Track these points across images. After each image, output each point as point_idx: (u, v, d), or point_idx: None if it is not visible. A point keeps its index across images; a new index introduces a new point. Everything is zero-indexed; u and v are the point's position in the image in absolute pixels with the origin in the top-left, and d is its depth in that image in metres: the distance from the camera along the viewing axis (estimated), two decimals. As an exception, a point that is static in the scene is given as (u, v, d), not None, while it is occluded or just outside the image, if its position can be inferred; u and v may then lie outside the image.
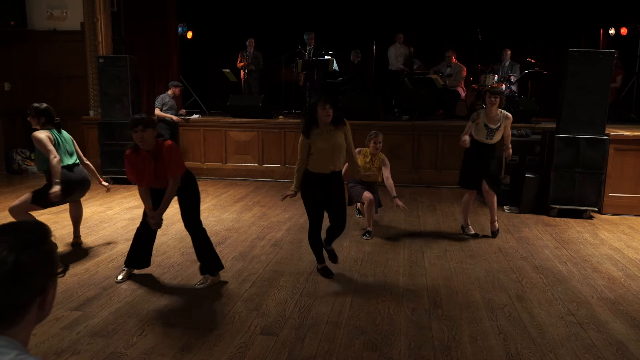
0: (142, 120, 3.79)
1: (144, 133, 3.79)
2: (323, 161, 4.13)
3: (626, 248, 5.39)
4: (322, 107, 4.03)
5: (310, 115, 4.13)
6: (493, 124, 5.49)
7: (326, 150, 4.10)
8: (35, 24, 9.45)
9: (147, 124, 3.81)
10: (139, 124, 3.77)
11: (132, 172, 4.00)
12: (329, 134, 4.13)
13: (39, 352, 3.12)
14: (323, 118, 4.05)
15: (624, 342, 3.39)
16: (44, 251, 1.20)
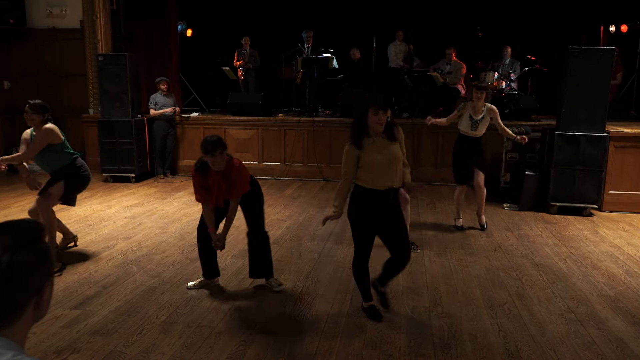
0: (220, 144, 3.65)
1: (222, 156, 3.68)
2: (377, 176, 3.41)
3: (626, 245, 5.39)
4: (374, 114, 3.35)
5: (359, 122, 3.44)
6: (477, 115, 5.67)
7: (382, 163, 3.40)
8: (35, 22, 9.44)
9: (224, 146, 3.70)
10: (219, 147, 3.63)
11: (202, 193, 3.85)
12: (382, 144, 3.44)
13: (39, 350, 3.13)
14: (374, 127, 3.38)
15: (623, 339, 3.39)
16: (40, 251, 1.19)
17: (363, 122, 3.42)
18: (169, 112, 8.47)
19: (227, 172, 3.78)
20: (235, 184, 3.81)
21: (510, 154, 7.41)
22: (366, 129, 3.42)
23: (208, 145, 3.64)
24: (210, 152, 3.63)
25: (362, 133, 3.43)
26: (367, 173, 3.42)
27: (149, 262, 4.71)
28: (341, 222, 6.08)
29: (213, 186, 3.80)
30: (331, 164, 8.71)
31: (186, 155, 9.10)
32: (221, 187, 3.80)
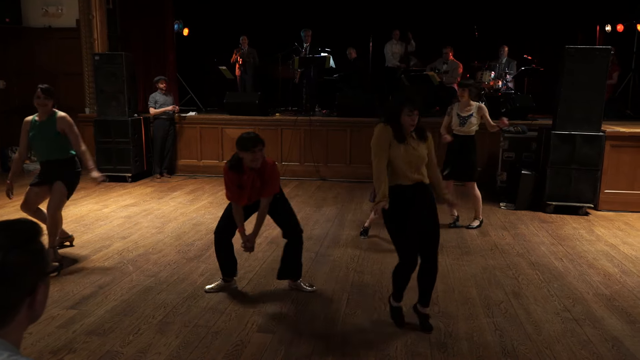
0: (260, 140, 3.62)
1: (261, 153, 3.63)
2: (402, 170, 3.30)
3: (622, 244, 5.41)
4: (409, 114, 3.23)
5: (392, 118, 3.32)
6: (464, 112, 5.76)
7: (407, 160, 3.29)
8: (31, 21, 9.41)
9: (263, 142, 3.66)
10: (259, 143, 3.59)
11: (234, 191, 3.79)
12: (412, 142, 3.33)
13: (35, 350, 3.12)
14: (407, 126, 3.28)
15: (619, 337, 3.40)
16: (34, 251, 1.19)
17: (396, 120, 3.28)
18: (170, 110, 8.46)
19: (262, 170, 3.71)
20: (270, 182, 3.75)
21: (506, 153, 7.42)
22: (399, 126, 3.29)
23: (249, 142, 3.58)
24: (250, 148, 3.57)
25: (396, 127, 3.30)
26: (391, 170, 3.31)
27: (145, 261, 4.70)
28: (338, 222, 6.09)
29: (247, 184, 3.73)
30: (328, 164, 8.71)
31: (183, 155, 9.09)
32: (255, 185, 3.74)
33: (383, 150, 3.28)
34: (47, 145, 4.55)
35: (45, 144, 4.55)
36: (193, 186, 8.06)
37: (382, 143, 3.29)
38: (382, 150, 3.28)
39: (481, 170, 8.23)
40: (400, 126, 3.28)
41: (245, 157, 3.63)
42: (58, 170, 4.59)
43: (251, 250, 3.94)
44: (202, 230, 5.69)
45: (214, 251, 4.95)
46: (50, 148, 4.56)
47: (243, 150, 3.61)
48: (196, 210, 6.57)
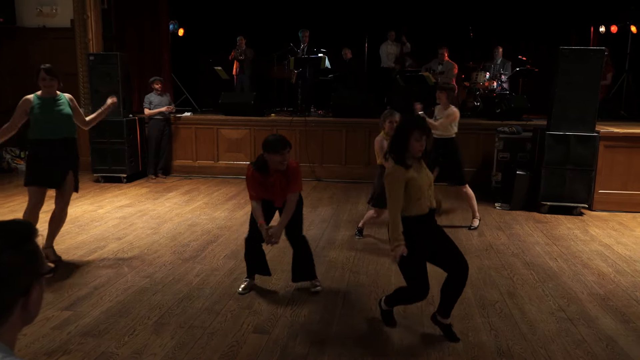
0: (288, 142, 3.67)
1: (288, 155, 3.67)
2: (420, 199, 3.18)
3: (616, 244, 5.43)
4: (418, 139, 3.11)
5: (400, 142, 3.17)
6: (440, 115, 5.84)
7: (423, 186, 3.18)
8: (25, 20, 9.36)
9: (290, 145, 3.70)
10: (287, 145, 3.64)
11: (258, 191, 3.80)
12: (418, 165, 3.24)
13: (29, 352, 3.10)
14: (415, 152, 3.15)
15: (613, 337, 3.42)
16: (28, 251, 1.18)
17: (403, 144, 3.14)
18: (165, 111, 8.44)
19: (286, 170, 3.75)
20: (295, 179, 3.78)
21: (501, 153, 7.45)
22: (405, 152, 3.15)
23: (278, 144, 3.61)
24: (280, 150, 3.60)
25: (404, 154, 3.15)
26: (409, 198, 3.15)
27: (140, 262, 4.69)
28: (333, 223, 6.09)
29: (275, 184, 3.76)
30: (323, 164, 8.72)
31: (178, 155, 9.07)
32: (282, 185, 3.78)
33: (399, 192, 3.12)
34: (63, 120, 4.48)
35: (60, 119, 4.46)
36: (188, 187, 8.04)
37: (398, 185, 3.12)
38: (398, 192, 3.12)
39: (476, 170, 8.28)
40: (407, 152, 3.14)
41: (272, 159, 3.65)
42: (70, 150, 4.55)
43: (276, 242, 3.87)
44: (198, 231, 5.68)
45: (209, 252, 4.98)
46: (67, 124, 4.51)
47: (272, 153, 3.63)
48: (192, 211, 6.56)
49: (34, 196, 4.49)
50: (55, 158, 4.46)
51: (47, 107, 4.42)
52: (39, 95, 4.47)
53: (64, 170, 4.53)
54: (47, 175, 4.49)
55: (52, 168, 4.47)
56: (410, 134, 3.12)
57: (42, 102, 4.43)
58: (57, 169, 4.50)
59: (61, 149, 4.48)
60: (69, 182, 4.57)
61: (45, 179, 4.50)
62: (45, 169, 4.46)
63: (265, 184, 3.79)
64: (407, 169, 3.12)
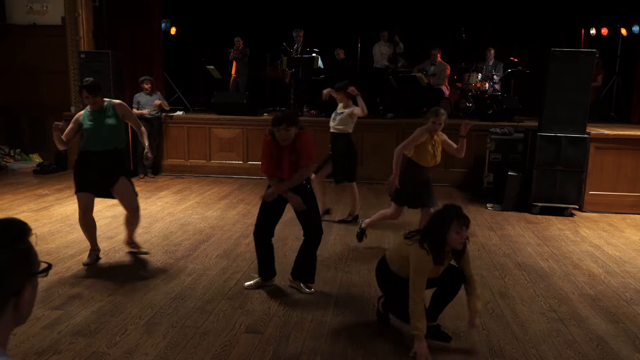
0: (286, 119, 3.67)
1: (286, 132, 3.67)
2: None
3: (606, 245, 5.48)
4: (458, 230, 2.95)
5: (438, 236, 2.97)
6: (339, 110, 5.92)
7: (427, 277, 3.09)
8: (15, 18, 9.27)
9: (291, 121, 3.68)
10: (283, 122, 3.65)
11: (269, 161, 3.84)
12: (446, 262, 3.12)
13: (20, 351, 3.07)
14: (455, 244, 3.02)
15: (604, 337, 3.44)
16: (20, 250, 1.16)
17: (441, 235, 2.95)
18: (155, 105, 8.40)
19: (294, 144, 3.77)
20: (303, 150, 3.78)
21: (493, 154, 7.48)
22: (444, 244, 2.98)
23: (275, 120, 3.69)
24: (274, 125, 3.67)
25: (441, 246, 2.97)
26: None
27: (132, 261, 4.66)
28: (325, 223, 6.07)
29: (285, 156, 3.78)
30: (316, 164, 8.70)
31: (170, 155, 9.03)
32: (291, 160, 3.79)
33: (423, 281, 3.01)
34: (114, 130, 4.49)
35: (111, 129, 4.48)
36: (180, 186, 8.01)
37: (423, 274, 3.00)
38: (422, 281, 3.01)
39: (467, 171, 8.33)
40: (445, 245, 2.97)
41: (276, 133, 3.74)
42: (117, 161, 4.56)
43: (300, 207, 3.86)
44: (190, 230, 5.66)
45: (201, 251, 4.97)
46: (112, 135, 4.49)
47: (273, 127, 3.71)
48: (183, 210, 6.53)
49: (82, 202, 4.49)
50: (101, 169, 4.47)
51: (94, 119, 4.45)
52: (88, 109, 4.51)
53: (112, 180, 4.52)
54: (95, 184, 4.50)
55: (99, 178, 4.49)
56: (449, 226, 2.94)
57: (89, 115, 4.48)
58: (104, 180, 4.50)
59: (107, 160, 4.48)
60: (123, 188, 4.56)
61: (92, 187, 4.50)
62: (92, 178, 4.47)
63: (277, 156, 3.82)
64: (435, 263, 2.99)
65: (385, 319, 3.57)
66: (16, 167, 8.93)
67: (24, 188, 7.56)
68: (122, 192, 4.57)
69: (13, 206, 6.51)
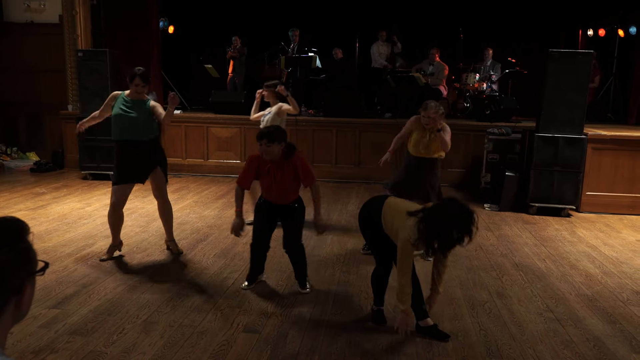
0: (267, 135, 3.73)
1: (268, 148, 3.72)
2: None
3: (603, 245, 5.49)
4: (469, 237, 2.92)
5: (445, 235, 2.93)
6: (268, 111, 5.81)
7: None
8: (12, 15, 9.24)
9: (273, 138, 3.72)
10: (264, 137, 3.72)
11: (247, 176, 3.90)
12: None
13: (17, 350, 3.06)
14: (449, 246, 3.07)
15: (600, 337, 3.45)
16: (20, 250, 1.16)
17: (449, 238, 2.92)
18: None
19: (281, 165, 3.82)
20: (305, 172, 3.86)
21: (491, 154, 7.49)
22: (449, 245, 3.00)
23: (258, 134, 3.78)
24: (258, 140, 3.76)
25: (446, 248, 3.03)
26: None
27: (129, 260, 4.65)
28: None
29: (269, 174, 3.83)
30: (314, 164, 8.69)
31: (168, 154, 8.82)
32: (276, 177, 3.82)
33: (409, 262, 3.19)
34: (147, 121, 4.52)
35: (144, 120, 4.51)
36: (178, 185, 7.99)
37: (409, 255, 3.16)
38: (409, 263, 3.19)
39: (465, 171, 8.34)
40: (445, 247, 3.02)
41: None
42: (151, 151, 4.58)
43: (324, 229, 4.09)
44: (187, 229, 5.65)
45: (199, 250, 4.96)
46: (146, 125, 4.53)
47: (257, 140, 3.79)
48: (181, 209, 6.52)
49: (115, 196, 4.58)
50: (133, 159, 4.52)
51: (132, 109, 4.49)
52: (126, 94, 4.55)
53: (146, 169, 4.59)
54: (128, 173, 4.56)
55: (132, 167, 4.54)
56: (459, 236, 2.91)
57: (125, 101, 4.51)
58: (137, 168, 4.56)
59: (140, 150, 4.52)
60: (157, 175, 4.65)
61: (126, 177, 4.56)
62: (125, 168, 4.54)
63: (262, 172, 3.87)
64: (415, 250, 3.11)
65: (381, 316, 3.60)
66: (13, 166, 8.90)
67: (21, 186, 7.53)
68: (156, 178, 4.66)
69: (10, 205, 6.49)
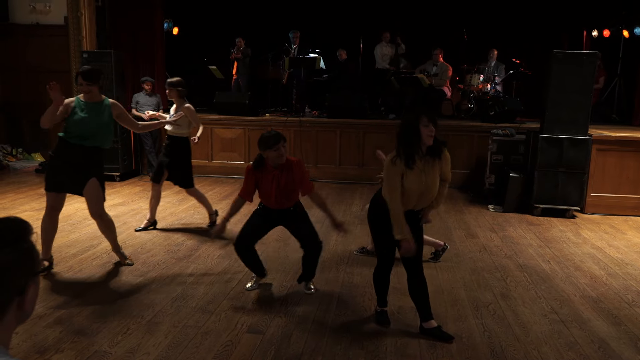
0: (282, 136, 3.69)
1: (285, 148, 3.69)
2: (409, 200, 3.25)
3: (608, 247, 5.48)
4: (425, 125, 3.09)
5: (410, 135, 3.12)
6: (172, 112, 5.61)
7: (418, 191, 3.20)
8: (18, 17, 9.29)
9: (285, 138, 3.72)
10: (282, 139, 3.66)
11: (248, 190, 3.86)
12: (425, 166, 3.20)
13: (21, 350, 3.08)
14: (426, 138, 3.12)
15: (605, 339, 3.44)
16: (23, 250, 1.16)
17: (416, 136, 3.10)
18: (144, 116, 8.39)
19: (286, 167, 3.77)
20: (303, 179, 3.83)
21: (495, 156, 7.48)
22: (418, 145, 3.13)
23: (271, 140, 3.64)
24: (273, 146, 3.63)
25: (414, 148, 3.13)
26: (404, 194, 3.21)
27: (134, 260, 4.66)
28: (327, 224, 6.07)
29: (272, 182, 3.77)
30: (318, 165, 8.71)
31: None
32: (280, 184, 3.77)
33: (396, 188, 3.17)
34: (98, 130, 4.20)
35: (99, 126, 4.20)
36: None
37: (394, 181, 3.17)
38: (395, 189, 3.17)
39: (469, 172, 8.33)
40: (419, 142, 3.12)
41: (269, 156, 3.70)
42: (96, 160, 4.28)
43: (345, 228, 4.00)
44: (192, 230, 5.66)
45: (203, 251, 4.98)
46: (101, 133, 4.23)
47: (267, 149, 3.67)
48: (185, 210, 6.54)
49: (49, 201, 4.31)
50: (78, 165, 4.20)
51: (87, 111, 4.19)
52: (81, 99, 4.25)
53: (84, 178, 4.22)
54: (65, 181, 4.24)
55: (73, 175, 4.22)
56: (417, 122, 3.10)
57: (81, 105, 4.22)
58: (77, 177, 4.23)
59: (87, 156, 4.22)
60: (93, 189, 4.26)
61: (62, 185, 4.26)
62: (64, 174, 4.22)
63: (263, 181, 3.81)
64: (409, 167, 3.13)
65: (385, 317, 3.59)
66: (18, 167, 8.94)
67: (26, 187, 7.57)
68: (90, 193, 4.25)
69: (15, 205, 6.52)
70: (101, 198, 4.34)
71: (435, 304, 3.90)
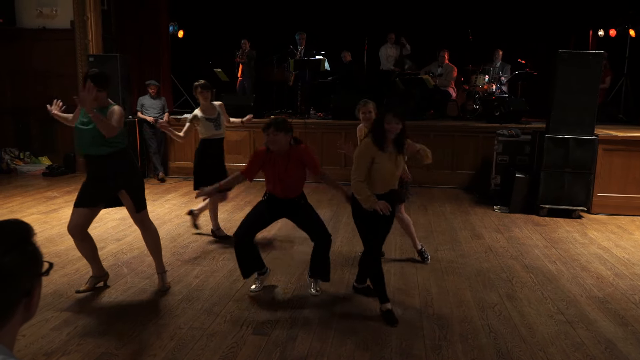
0: (275, 124, 3.79)
1: (275, 137, 3.77)
2: (381, 182, 3.65)
3: (614, 247, 5.45)
4: (388, 122, 3.52)
5: (379, 125, 3.60)
6: (211, 114, 5.69)
7: (389, 172, 3.65)
8: (25, 22, 9.36)
9: (280, 127, 3.78)
10: (271, 126, 3.78)
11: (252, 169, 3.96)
12: (390, 156, 3.63)
13: (28, 352, 3.10)
14: (388, 132, 3.55)
15: (612, 340, 3.42)
16: (28, 252, 1.17)
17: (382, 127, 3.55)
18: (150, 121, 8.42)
19: (292, 157, 3.88)
20: (312, 162, 3.97)
21: (500, 156, 7.46)
22: (382, 130, 3.55)
23: (265, 125, 3.83)
24: (265, 130, 3.81)
25: (380, 140, 3.56)
26: (371, 178, 3.59)
27: (140, 263, 4.69)
28: (333, 225, 6.09)
29: (275, 168, 3.88)
30: (323, 166, 8.66)
31: (178, 157, 9.07)
32: (279, 168, 3.87)
33: (364, 167, 3.58)
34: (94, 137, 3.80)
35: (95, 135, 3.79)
36: (187, 188, 8.03)
37: (364, 159, 3.59)
38: (363, 167, 3.59)
39: (475, 173, 8.31)
40: (384, 132, 3.54)
41: (266, 140, 3.86)
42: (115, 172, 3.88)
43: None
44: (197, 232, 5.68)
45: (208, 253, 4.98)
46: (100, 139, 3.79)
47: (264, 133, 3.84)
48: (191, 212, 6.54)
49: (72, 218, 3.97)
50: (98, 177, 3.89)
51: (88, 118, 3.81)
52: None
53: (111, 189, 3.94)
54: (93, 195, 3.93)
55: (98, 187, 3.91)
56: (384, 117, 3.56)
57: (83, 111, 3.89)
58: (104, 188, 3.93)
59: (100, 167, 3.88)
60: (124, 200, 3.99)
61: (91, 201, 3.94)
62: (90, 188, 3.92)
63: (268, 165, 3.91)
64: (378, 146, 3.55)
65: (392, 316, 3.60)
66: (25, 170, 9.00)
67: (34, 190, 7.62)
68: (126, 206, 4.02)
69: (22, 208, 6.57)
70: (133, 210, 4.01)
71: (441, 305, 3.90)
